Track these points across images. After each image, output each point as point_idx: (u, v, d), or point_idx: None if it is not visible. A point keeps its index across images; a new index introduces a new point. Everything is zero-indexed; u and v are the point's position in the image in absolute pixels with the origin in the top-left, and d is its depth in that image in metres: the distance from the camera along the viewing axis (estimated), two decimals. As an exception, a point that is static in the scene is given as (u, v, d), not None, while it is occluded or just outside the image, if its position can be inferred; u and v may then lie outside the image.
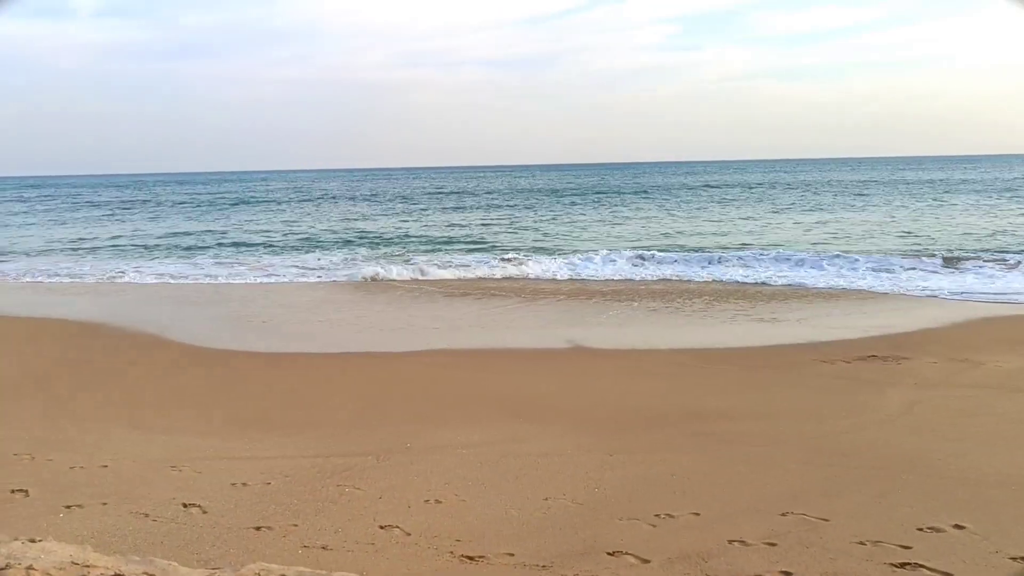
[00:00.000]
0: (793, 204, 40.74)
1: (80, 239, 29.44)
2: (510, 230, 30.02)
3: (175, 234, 30.65)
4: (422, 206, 44.75)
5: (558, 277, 17.01)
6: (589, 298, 14.31)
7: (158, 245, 27.06)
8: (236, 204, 49.01)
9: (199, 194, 67.74)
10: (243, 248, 25.56)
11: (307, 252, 23.74)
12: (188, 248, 25.87)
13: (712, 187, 60.46)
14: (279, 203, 48.69)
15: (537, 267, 17.87)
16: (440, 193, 61.59)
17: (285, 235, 29.56)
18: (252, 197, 57.12)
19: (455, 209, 42.48)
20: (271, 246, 25.92)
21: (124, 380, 8.55)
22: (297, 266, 19.98)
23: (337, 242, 26.49)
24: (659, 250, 21.01)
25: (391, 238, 27.58)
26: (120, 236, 30.49)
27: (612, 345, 10.44)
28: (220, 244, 26.84)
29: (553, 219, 34.33)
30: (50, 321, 12.65)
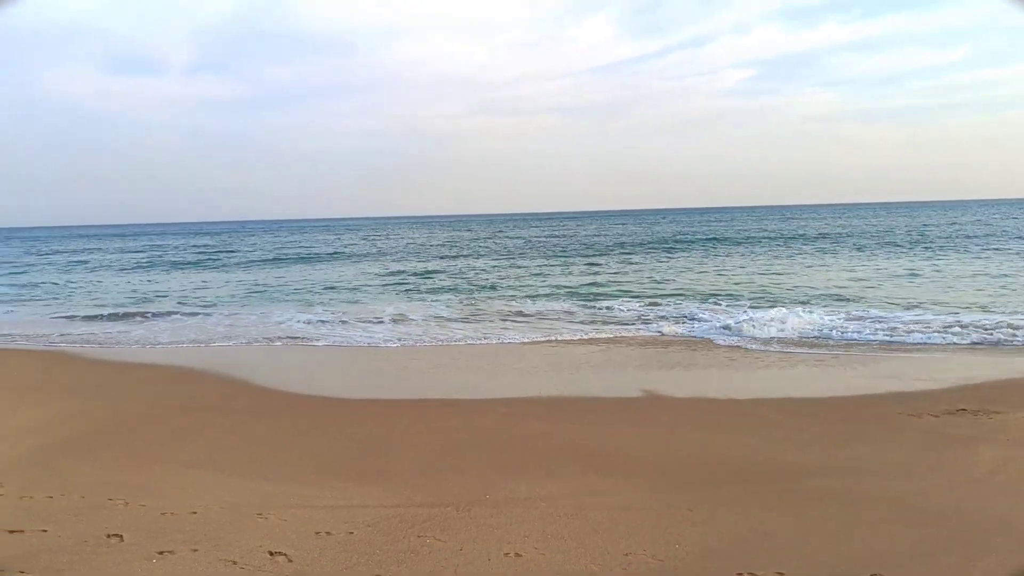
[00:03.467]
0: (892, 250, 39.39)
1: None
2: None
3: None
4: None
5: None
6: (665, 347, 14.22)
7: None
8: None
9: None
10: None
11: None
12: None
13: (797, 237, 59.17)
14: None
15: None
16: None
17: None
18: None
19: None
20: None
21: (213, 425, 8.79)
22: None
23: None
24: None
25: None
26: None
27: (688, 394, 10.34)
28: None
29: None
30: (148, 367, 13.17)
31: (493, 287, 26.76)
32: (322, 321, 18.82)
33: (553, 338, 15.43)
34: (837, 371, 11.81)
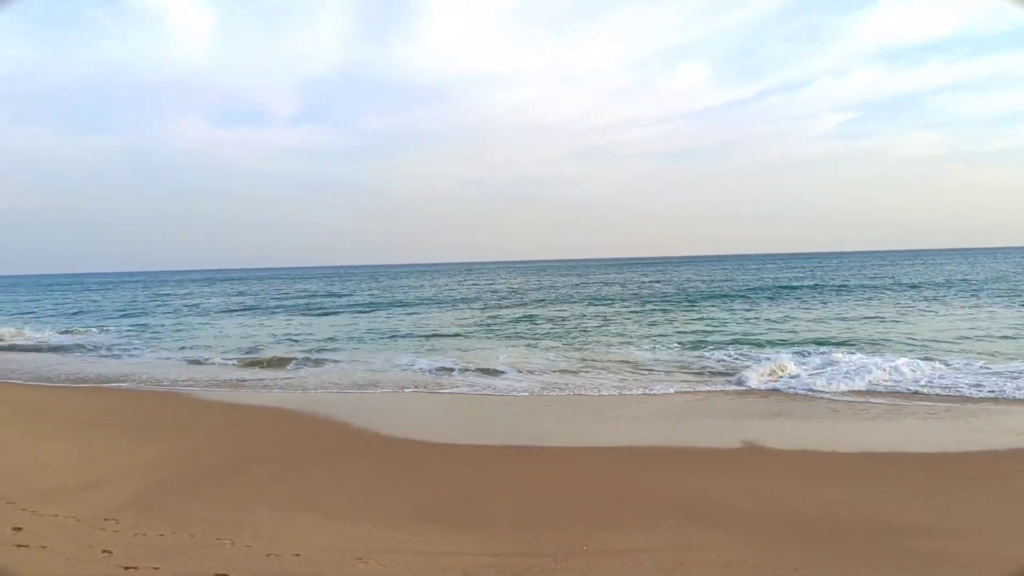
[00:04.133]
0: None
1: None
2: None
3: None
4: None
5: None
6: (765, 396, 13.85)
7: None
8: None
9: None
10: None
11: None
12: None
13: (902, 284, 56.92)
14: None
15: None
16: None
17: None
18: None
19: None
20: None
21: (318, 468, 9.00)
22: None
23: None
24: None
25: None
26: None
27: (789, 446, 10.03)
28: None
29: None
30: (256, 409, 13.62)
31: (598, 333, 26.59)
32: (444, 368, 18.91)
33: (653, 388, 15.22)
34: (947, 424, 11.30)
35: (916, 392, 13.68)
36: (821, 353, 19.18)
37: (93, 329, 34.26)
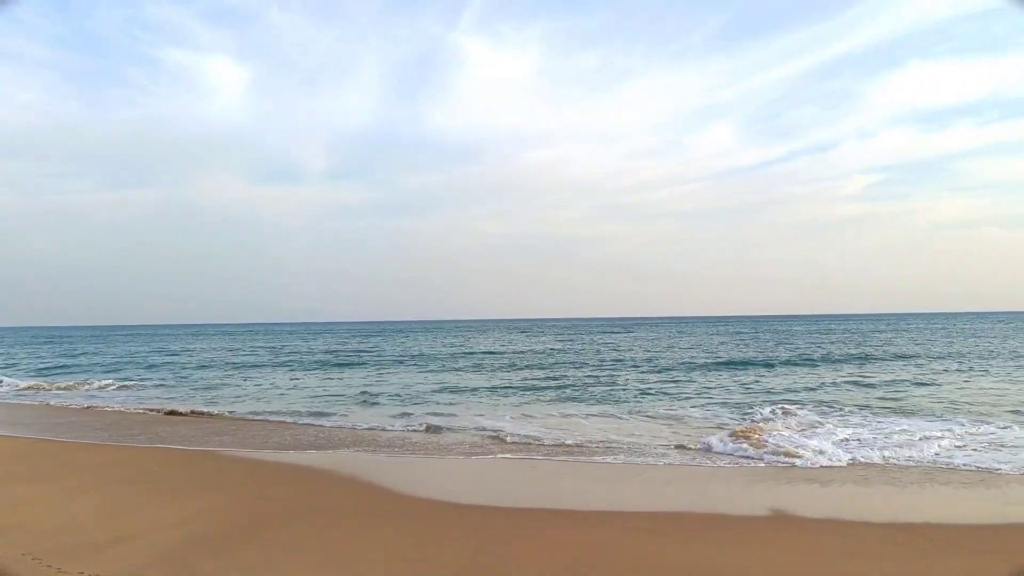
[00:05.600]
0: None
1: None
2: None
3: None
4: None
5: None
6: (799, 459, 13.64)
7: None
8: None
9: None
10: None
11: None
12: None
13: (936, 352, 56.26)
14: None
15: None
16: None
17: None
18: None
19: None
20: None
21: (342, 528, 8.96)
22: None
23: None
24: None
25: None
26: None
27: (820, 515, 9.86)
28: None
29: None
30: (286, 466, 13.64)
31: (642, 396, 26.40)
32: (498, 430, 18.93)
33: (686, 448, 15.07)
34: (984, 493, 11.05)
35: (952, 460, 13.42)
36: (864, 418, 18.91)
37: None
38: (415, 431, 18.50)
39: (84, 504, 10.08)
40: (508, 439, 16.81)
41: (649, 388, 28.42)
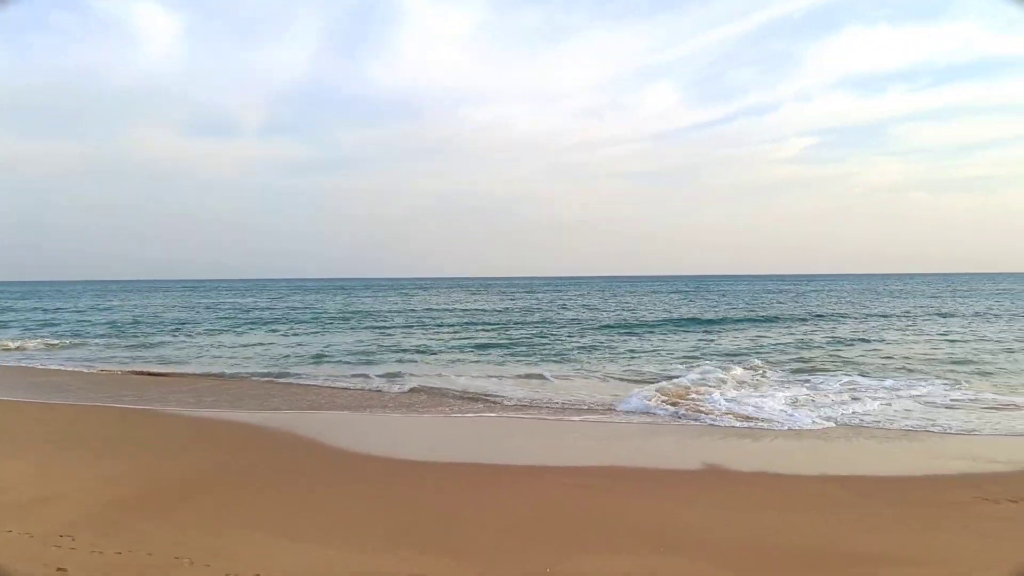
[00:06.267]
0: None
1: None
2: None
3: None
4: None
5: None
6: (736, 418, 13.94)
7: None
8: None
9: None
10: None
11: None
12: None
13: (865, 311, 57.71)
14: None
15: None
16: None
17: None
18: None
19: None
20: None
21: (284, 488, 8.87)
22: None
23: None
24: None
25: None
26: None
27: (753, 468, 10.14)
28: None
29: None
30: (213, 421, 13.45)
31: (581, 353, 26.67)
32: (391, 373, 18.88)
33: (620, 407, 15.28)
34: (906, 446, 11.52)
35: (886, 415, 13.88)
36: (797, 376, 19.39)
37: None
38: (360, 389, 18.39)
39: (12, 464, 9.80)
40: (448, 396, 16.86)
41: (592, 345, 28.71)
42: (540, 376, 20.27)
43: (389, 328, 39.02)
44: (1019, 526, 7.39)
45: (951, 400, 15.66)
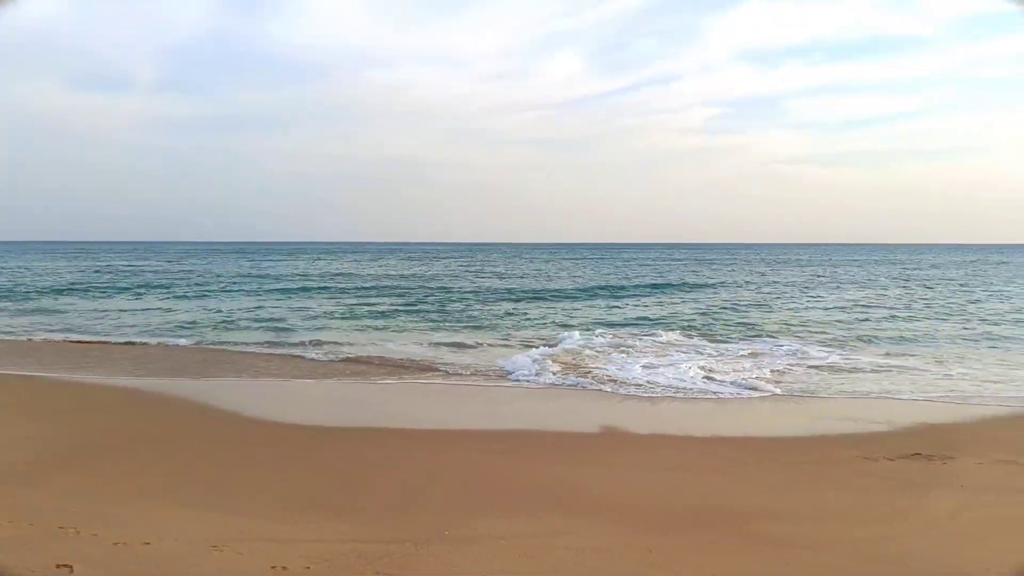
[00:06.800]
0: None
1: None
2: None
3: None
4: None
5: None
6: (634, 385, 14.25)
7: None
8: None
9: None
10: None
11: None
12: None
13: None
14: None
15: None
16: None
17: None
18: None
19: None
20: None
21: (176, 454, 8.65)
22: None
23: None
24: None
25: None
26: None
27: (648, 431, 10.44)
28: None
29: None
30: (105, 388, 12.96)
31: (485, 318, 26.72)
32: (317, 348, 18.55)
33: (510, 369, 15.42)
34: (796, 409, 12.03)
35: (772, 377, 14.41)
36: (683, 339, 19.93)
37: None
38: (273, 355, 18.04)
39: None
40: (358, 362, 16.71)
41: (503, 312, 28.76)
42: (455, 344, 20.14)
43: (294, 292, 38.25)
44: (894, 483, 7.82)
45: (838, 364, 16.40)
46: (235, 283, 45.19)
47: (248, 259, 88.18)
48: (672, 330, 22.81)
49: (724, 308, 30.46)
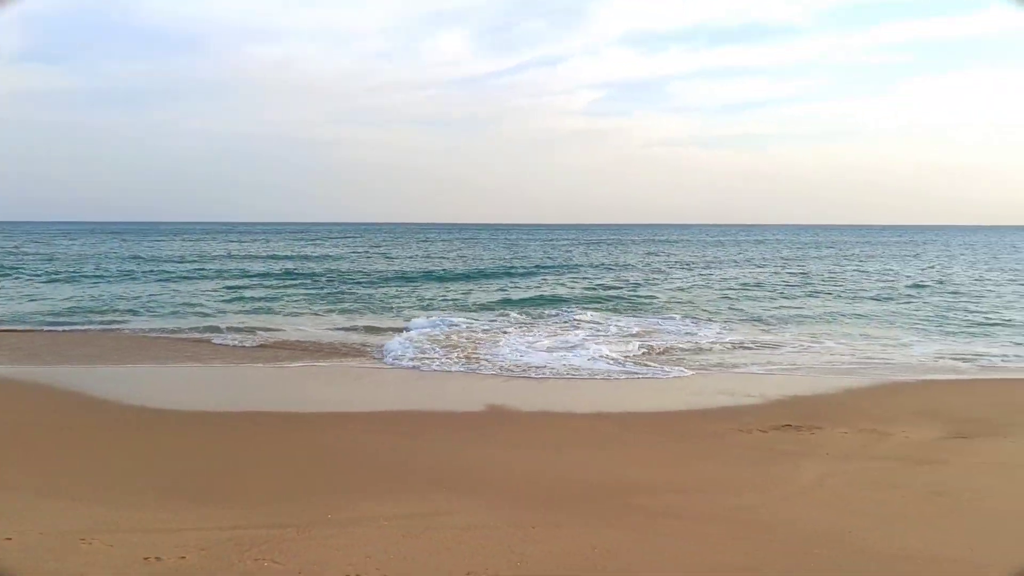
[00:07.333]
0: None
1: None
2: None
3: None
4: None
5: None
6: (519, 366, 14.35)
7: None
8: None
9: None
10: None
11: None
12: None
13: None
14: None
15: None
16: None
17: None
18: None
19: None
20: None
21: (44, 445, 8.24)
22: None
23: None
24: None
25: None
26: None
27: (532, 408, 10.59)
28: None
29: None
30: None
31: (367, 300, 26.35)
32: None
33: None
34: (676, 385, 12.41)
35: (659, 352, 14.83)
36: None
37: None
38: (146, 339, 17.36)
39: None
40: (235, 344, 16.25)
41: (385, 293, 28.47)
42: (345, 328, 19.62)
43: (176, 274, 36.69)
44: (766, 453, 8.19)
45: (718, 340, 16.99)
46: (114, 265, 43.02)
47: (124, 240, 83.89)
48: (560, 309, 23.09)
49: (611, 286, 31.11)
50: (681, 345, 16.35)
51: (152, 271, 38.39)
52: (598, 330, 18.49)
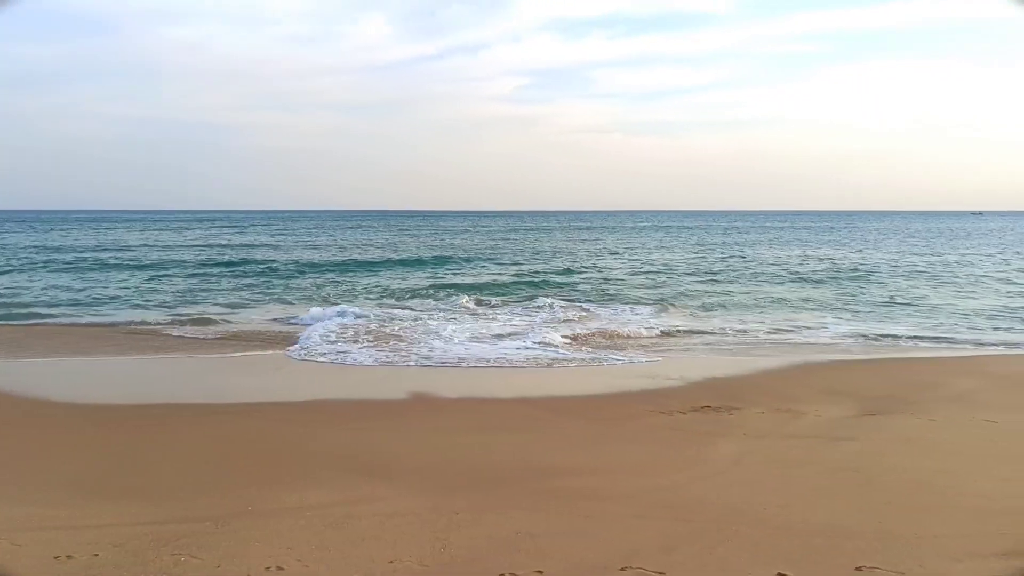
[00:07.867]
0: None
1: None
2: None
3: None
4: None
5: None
6: (433, 353, 14.32)
7: None
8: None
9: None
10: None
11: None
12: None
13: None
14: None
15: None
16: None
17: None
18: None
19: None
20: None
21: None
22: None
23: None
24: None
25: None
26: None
27: (456, 395, 10.63)
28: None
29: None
30: None
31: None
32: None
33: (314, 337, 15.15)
34: (599, 369, 12.60)
35: (588, 334, 15.00)
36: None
37: None
38: (60, 330, 16.78)
39: None
40: (148, 334, 15.87)
41: (301, 283, 27.84)
42: (269, 319, 19.18)
43: (89, 264, 35.38)
44: (686, 434, 8.38)
45: (642, 324, 17.27)
46: (24, 255, 41.27)
47: (24, 228, 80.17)
48: (484, 296, 23.11)
49: (536, 273, 31.29)
50: (610, 330, 16.56)
51: (52, 260, 36.85)
52: (528, 317, 18.59)
